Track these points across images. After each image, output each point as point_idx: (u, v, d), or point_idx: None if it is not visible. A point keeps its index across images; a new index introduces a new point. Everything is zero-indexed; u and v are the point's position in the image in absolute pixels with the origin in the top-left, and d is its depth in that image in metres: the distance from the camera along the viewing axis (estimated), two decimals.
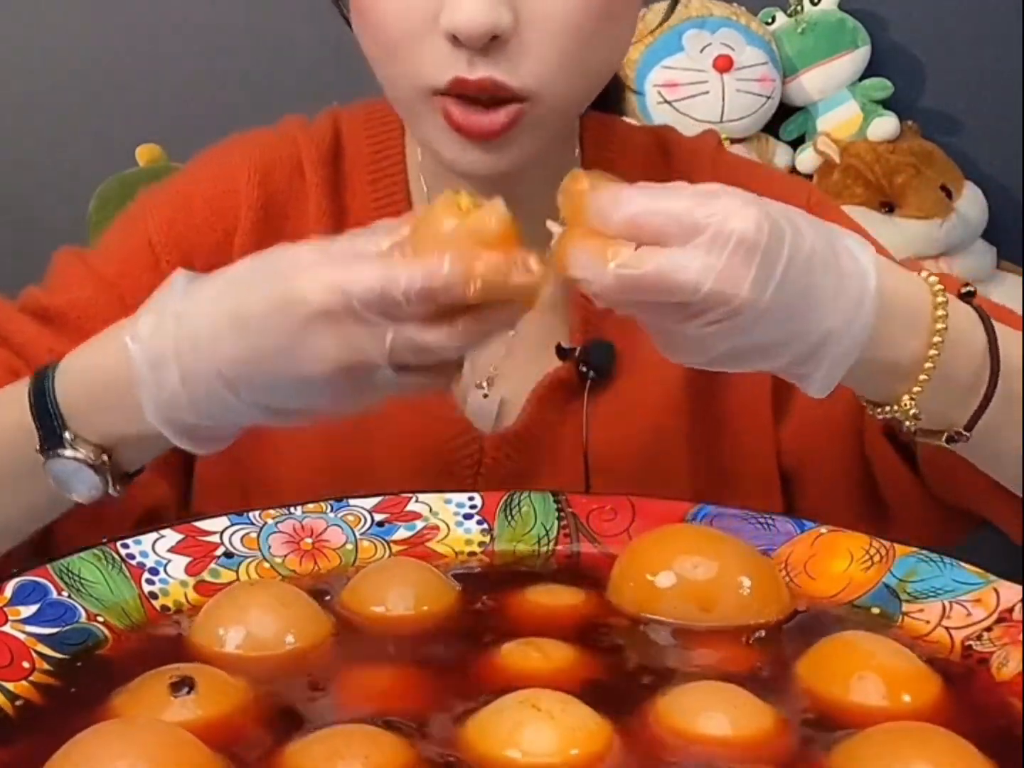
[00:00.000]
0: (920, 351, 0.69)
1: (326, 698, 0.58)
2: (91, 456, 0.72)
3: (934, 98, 1.98)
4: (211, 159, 0.95)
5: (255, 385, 0.66)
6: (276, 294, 0.64)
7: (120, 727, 0.53)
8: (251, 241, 0.90)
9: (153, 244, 0.90)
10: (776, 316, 0.63)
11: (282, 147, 0.93)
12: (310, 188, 0.92)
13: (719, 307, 0.61)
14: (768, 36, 1.93)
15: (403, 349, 0.63)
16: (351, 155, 0.94)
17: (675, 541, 0.69)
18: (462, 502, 0.76)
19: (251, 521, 0.73)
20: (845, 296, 0.65)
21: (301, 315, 0.63)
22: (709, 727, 0.54)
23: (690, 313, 0.62)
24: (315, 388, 0.65)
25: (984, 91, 1.94)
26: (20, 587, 0.64)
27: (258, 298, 0.65)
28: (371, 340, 0.62)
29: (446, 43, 0.76)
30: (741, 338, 0.63)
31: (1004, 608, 0.64)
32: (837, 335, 0.65)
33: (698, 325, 0.62)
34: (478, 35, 0.74)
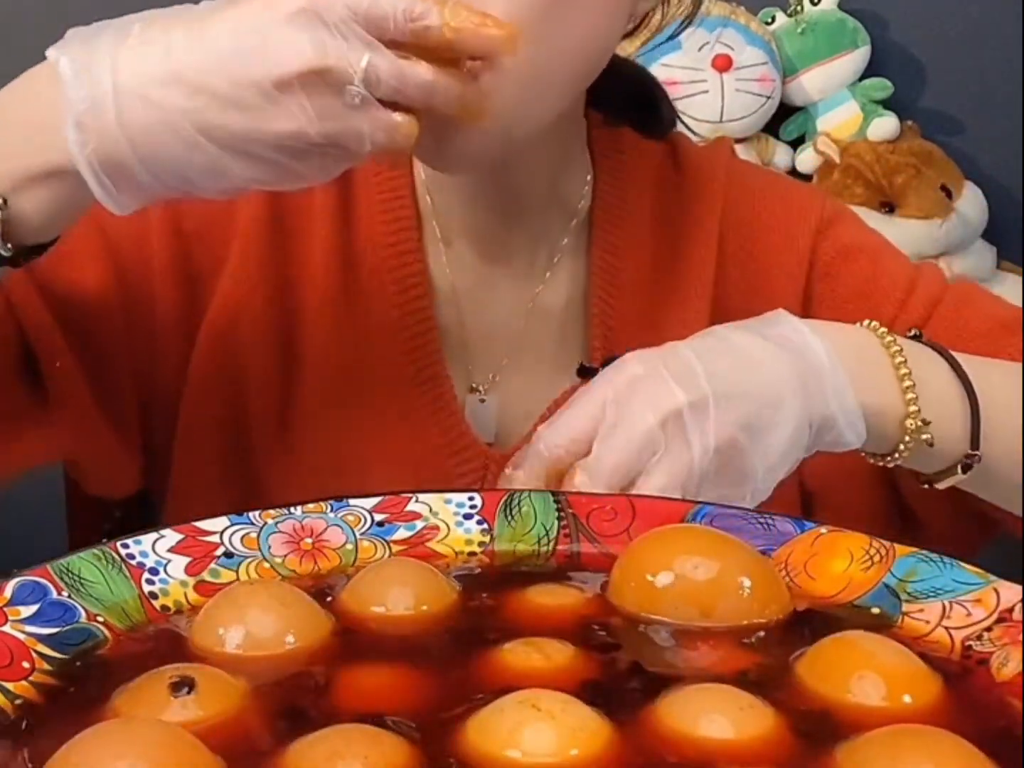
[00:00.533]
0: (895, 381, 0.73)
1: (326, 698, 0.58)
2: None
3: (934, 98, 1.98)
4: None
5: (219, 95, 0.61)
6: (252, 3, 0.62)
7: (120, 727, 0.53)
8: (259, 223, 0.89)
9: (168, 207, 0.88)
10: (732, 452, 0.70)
11: None
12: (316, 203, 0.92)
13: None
14: (768, 36, 1.94)
15: (378, 66, 0.62)
16: (360, 172, 0.94)
17: (675, 541, 0.69)
18: (462, 502, 0.76)
19: (251, 521, 0.73)
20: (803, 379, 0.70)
21: (287, 9, 0.61)
22: (709, 728, 0.54)
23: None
24: (283, 98, 0.61)
25: (984, 91, 1.94)
26: (20, 587, 0.64)
27: (227, 8, 0.62)
28: (348, 51, 0.61)
29: None
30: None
31: (1004, 608, 0.64)
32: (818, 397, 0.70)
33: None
34: None
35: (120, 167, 0.62)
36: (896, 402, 0.72)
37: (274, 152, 0.63)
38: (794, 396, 0.68)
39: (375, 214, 0.90)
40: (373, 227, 0.91)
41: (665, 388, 0.67)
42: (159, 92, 0.60)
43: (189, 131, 0.61)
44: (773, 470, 0.68)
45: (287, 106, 0.61)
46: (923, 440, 0.72)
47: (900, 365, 0.72)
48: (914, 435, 0.72)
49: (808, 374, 0.69)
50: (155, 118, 0.61)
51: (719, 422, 0.66)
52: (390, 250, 0.89)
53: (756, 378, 0.69)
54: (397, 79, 0.63)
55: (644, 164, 0.94)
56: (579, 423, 0.67)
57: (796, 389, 0.68)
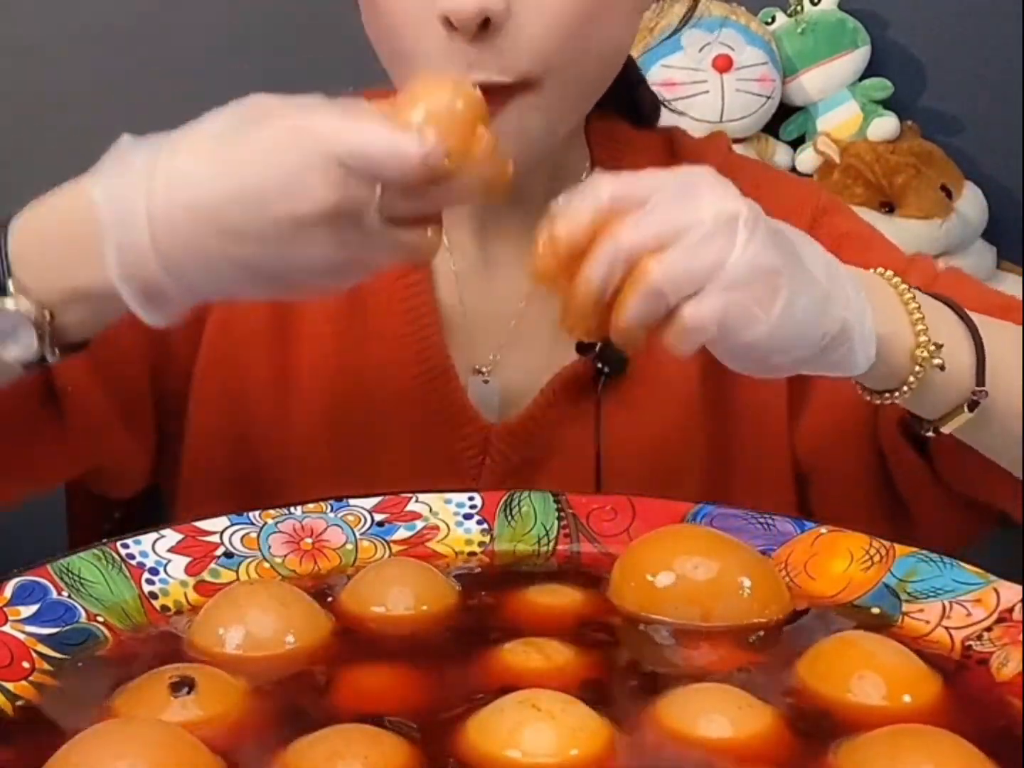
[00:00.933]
0: (904, 315, 0.72)
1: (326, 698, 0.58)
2: (30, 311, 0.68)
3: (934, 98, 1.98)
4: None
5: (242, 229, 0.63)
6: (283, 131, 0.63)
7: (120, 727, 0.53)
8: None
9: None
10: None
11: None
12: None
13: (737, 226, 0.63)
14: (768, 36, 1.93)
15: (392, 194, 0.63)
16: None
17: (675, 541, 0.69)
18: (462, 502, 0.76)
19: (251, 521, 0.73)
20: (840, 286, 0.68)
21: (310, 151, 0.62)
22: (709, 727, 0.54)
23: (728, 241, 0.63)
24: (305, 232, 0.63)
25: (984, 91, 1.94)
26: (20, 587, 0.64)
27: (260, 136, 0.63)
28: (363, 187, 0.62)
29: (443, 30, 0.76)
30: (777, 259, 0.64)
31: (1004, 608, 0.64)
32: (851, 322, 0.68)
33: (741, 245, 0.63)
34: (468, 17, 0.74)
35: (156, 288, 0.66)
36: (906, 331, 0.71)
37: (298, 275, 0.66)
38: (826, 282, 0.67)
39: None
40: None
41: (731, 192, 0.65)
42: (188, 224, 0.63)
43: (217, 260, 0.64)
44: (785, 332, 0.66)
45: (309, 240, 0.63)
46: (935, 365, 0.71)
47: (909, 300, 0.73)
48: (925, 363, 0.71)
49: (835, 281, 0.68)
50: (185, 245, 0.64)
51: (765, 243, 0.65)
52: None
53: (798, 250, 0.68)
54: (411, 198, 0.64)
55: (641, 154, 0.94)
56: (644, 185, 0.64)
57: (827, 280, 0.67)
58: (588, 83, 0.82)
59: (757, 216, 0.63)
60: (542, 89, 0.77)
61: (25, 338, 0.68)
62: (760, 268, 0.63)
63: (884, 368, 0.72)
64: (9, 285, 0.68)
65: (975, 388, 0.73)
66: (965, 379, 0.74)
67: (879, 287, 0.73)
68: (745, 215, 0.63)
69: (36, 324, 0.68)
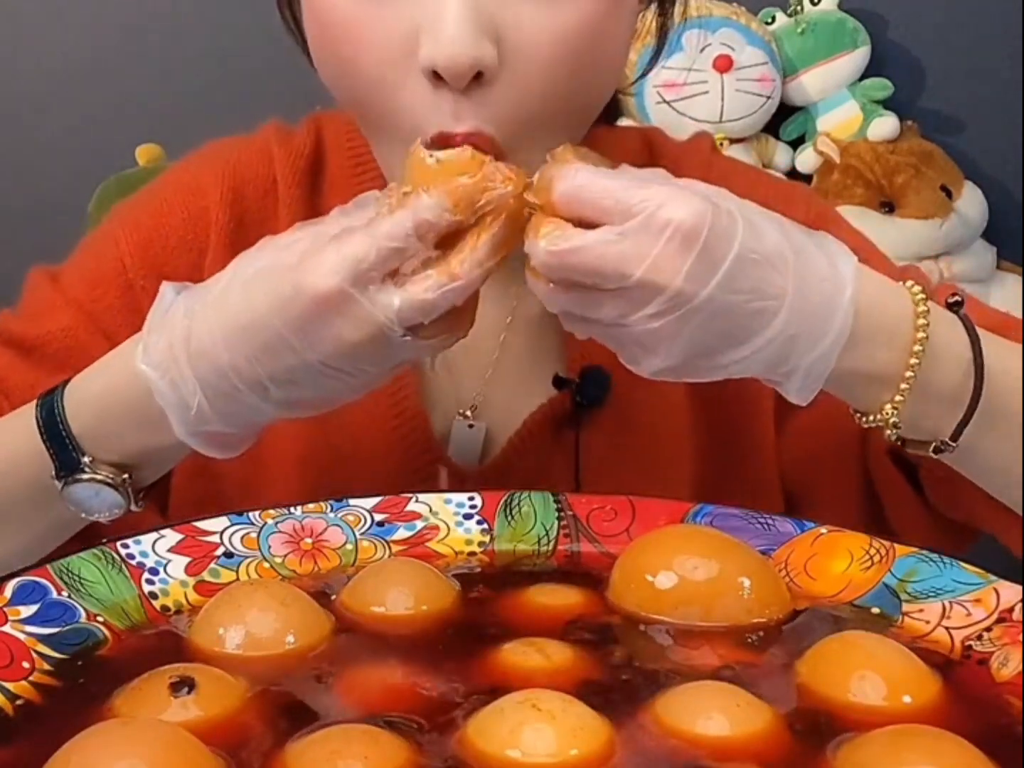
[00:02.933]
0: (901, 360, 0.68)
1: (326, 698, 0.58)
2: (111, 476, 0.74)
3: (934, 98, 1.98)
4: (183, 174, 0.93)
5: (278, 382, 0.67)
6: (280, 290, 0.65)
7: (120, 727, 0.53)
8: (221, 259, 0.89)
9: (126, 266, 0.89)
10: (724, 312, 0.63)
11: (256, 164, 0.91)
12: (282, 207, 0.90)
13: (654, 297, 0.62)
14: (768, 36, 1.94)
15: (410, 311, 0.64)
16: (332, 167, 0.91)
17: (675, 541, 0.69)
18: (462, 502, 0.76)
19: (251, 521, 0.73)
20: (811, 301, 0.65)
21: (309, 305, 0.64)
22: (709, 727, 0.54)
23: (629, 305, 0.62)
24: (337, 371, 0.66)
25: (984, 91, 1.94)
26: (20, 587, 0.64)
27: (262, 298, 0.66)
28: (380, 310, 0.64)
29: (426, 83, 0.72)
30: (691, 335, 0.63)
31: (1004, 608, 0.64)
32: (806, 341, 0.65)
33: (640, 319, 0.62)
34: (461, 71, 0.70)
35: (221, 435, 0.71)
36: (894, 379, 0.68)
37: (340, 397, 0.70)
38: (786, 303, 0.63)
39: None
40: None
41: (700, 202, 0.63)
42: (229, 383, 0.67)
43: (263, 408, 0.68)
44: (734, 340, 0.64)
45: (338, 374, 0.67)
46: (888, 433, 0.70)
47: (919, 340, 0.67)
48: (883, 421, 0.69)
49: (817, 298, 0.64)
50: (234, 400, 0.68)
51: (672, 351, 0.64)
52: None
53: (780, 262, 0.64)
54: (433, 308, 0.65)
55: (619, 157, 0.92)
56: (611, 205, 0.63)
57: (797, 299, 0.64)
58: (581, 116, 0.80)
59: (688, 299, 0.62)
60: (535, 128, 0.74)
61: (110, 498, 0.74)
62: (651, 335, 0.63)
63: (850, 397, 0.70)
64: (84, 460, 0.73)
65: (944, 440, 0.71)
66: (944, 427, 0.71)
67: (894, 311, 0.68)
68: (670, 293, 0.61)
69: (116, 487, 0.74)
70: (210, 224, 0.89)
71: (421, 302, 0.64)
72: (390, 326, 0.64)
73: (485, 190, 0.65)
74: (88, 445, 0.74)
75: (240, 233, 0.90)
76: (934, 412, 0.70)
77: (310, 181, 0.91)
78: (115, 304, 0.88)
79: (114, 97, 1.89)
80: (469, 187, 0.64)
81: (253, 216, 0.90)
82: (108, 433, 0.74)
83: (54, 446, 0.74)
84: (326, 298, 0.64)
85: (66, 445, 0.74)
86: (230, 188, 0.90)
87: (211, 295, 0.69)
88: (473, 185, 0.65)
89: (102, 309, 0.89)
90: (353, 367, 0.66)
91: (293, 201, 0.90)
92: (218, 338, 0.67)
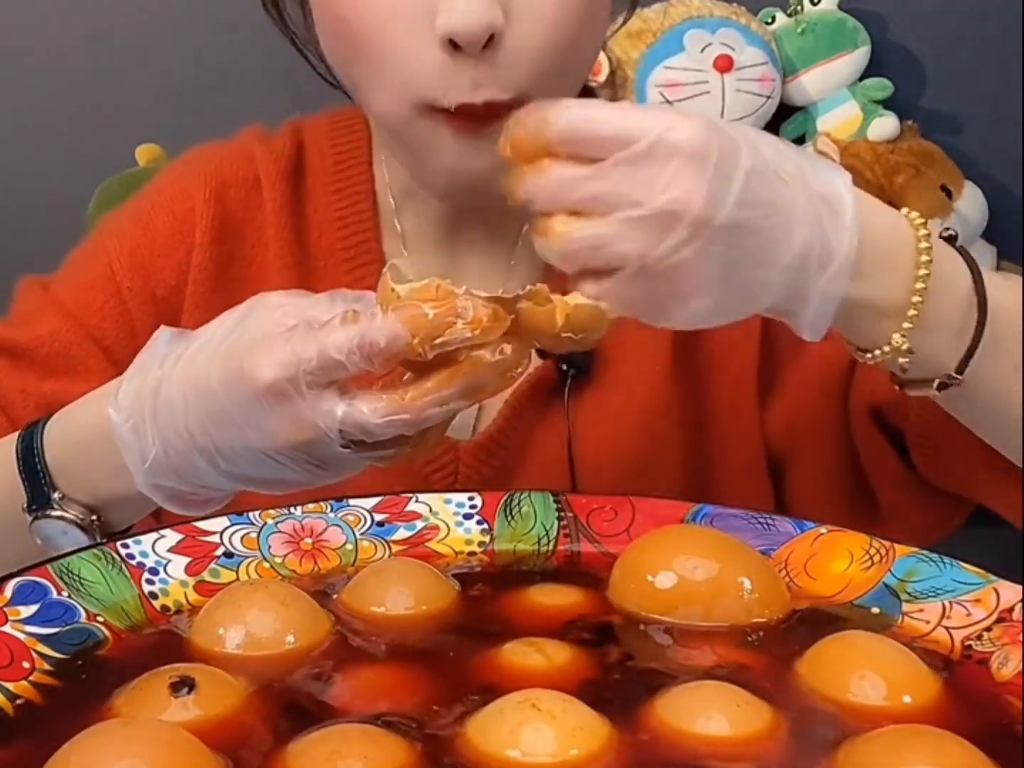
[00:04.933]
0: (906, 287, 0.66)
1: (326, 698, 0.58)
2: (79, 516, 0.73)
3: (934, 98, 1.98)
4: (170, 180, 0.95)
5: (223, 455, 0.66)
6: (231, 367, 0.64)
7: (120, 727, 0.53)
8: (206, 259, 0.90)
9: (115, 271, 0.90)
10: (745, 230, 0.61)
11: (238, 166, 0.92)
12: (267, 206, 0.91)
13: (675, 224, 0.59)
14: (768, 36, 1.93)
15: (352, 427, 0.62)
16: (314, 169, 0.93)
17: (675, 541, 0.69)
18: (462, 502, 0.76)
19: (251, 521, 0.73)
20: (820, 216, 0.63)
21: (251, 391, 0.62)
22: (709, 727, 0.54)
23: (651, 240, 0.59)
24: (273, 462, 0.65)
25: (984, 91, 1.94)
26: (20, 587, 0.64)
27: (217, 369, 0.64)
28: (319, 416, 0.62)
29: (440, 51, 0.74)
30: (716, 261, 0.61)
31: (1004, 608, 0.64)
32: (818, 260, 0.63)
33: (665, 251, 0.59)
34: (477, 36, 0.73)
35: (181, 493, 0.70)
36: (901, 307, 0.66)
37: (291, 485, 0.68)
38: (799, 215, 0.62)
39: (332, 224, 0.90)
40: (332, 242, 0.90)
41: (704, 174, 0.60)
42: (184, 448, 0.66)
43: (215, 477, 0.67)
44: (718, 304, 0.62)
45: (282, 465, 0.65)
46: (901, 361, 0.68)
47: (924, 264, 0.66)
48: (893, 351, 0.67)
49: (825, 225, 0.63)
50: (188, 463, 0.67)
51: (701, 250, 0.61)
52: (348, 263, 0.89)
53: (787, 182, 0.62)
54: (374, 433, 0.62)
55: None
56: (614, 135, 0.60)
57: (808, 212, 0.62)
58: (570, 92, 0.81)
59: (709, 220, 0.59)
60: (540, 91, 0.76)
61: (75, 539, 0.73)
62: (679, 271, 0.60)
63: (854, 332, 0.68)
64: (55, 496, 0.73)
65: (951, 375, 0.69)
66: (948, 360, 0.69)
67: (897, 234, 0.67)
68: (691, 217, 0.59)
69: (83, 527, 0.73)
70: (195, 224, 0.90)
71: (363, 424, 0.62)
72: (328, 435, 0.62)
73: (448, 326, 0.60)
74: (61, 481, 0.73)
75: (225, 231, 0.91)
76: (939, 343, 0.68)
77: (292, 182, 0.92)
78: (104, 309, 0.89)
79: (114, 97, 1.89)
80: (430, 320, 0.60)
81: (238, 216, 0.91)
82: (80, 472, 0.73)
83: (29, 478, 0.74)
84: (266, 389, 0.62)
85: (39, 479, 0.73)
86: (213, 188, 0.91)
87: (189, 349, 0.67)
88: (434, 319, 0.60)
89: (91, 314, 0.89)
90: (293, 463, 0.65)
91: (277, 201, 0.91)
92: (179, 395, 0.66)
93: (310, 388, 0.61)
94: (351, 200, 0.92)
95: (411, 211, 0.92)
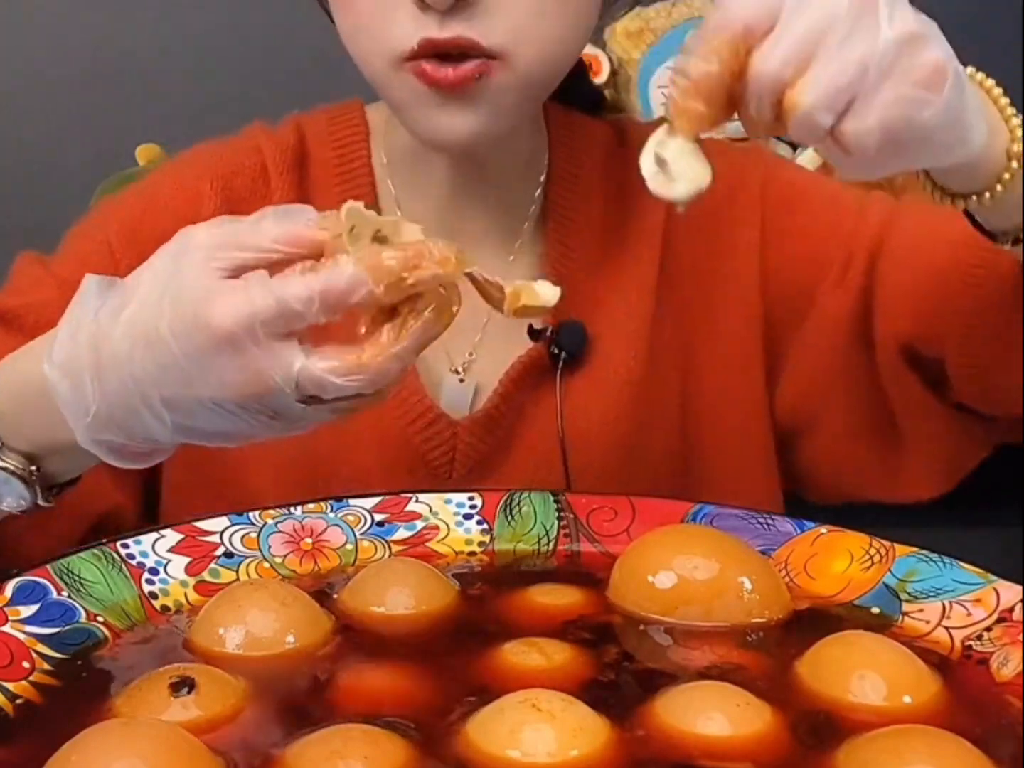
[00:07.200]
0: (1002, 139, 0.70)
1: (326, 698, 0.58)
2: (18, 465, 0.71)
3: None
4: (175, 169, 0.96)
5: (171, 406, 0.63)
6: (183, 315, 0.61)
7: (120, 727, 0.53)
8: None
9: (112, 246, 0.90)
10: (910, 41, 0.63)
11: (245, 155, 0.93)
12: (275, 192, 0.92)
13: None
14: None
15: (308, 382, 0.60)
16: (317, 159, 0.94)
17: (675, 541, 0.69)
18: (462, 502, 0.76)
19: (251, 521, 0.73)
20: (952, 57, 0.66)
21: (205, 340, 0.60)
22: (709, 727, 0.54)
23: None
24: (224, 412, 0.62)
25: None
26: (20, 587, 0.64)
27: (167, 319, 0.62)
28: (276, 369, 0.60)
29: (414, 7, 0.77)
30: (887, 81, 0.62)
31: (1004, 608, 0.64)
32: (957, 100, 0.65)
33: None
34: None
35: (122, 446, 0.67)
36: (1000, 126, 0.70)
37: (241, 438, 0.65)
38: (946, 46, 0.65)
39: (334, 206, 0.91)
40: None
41: None
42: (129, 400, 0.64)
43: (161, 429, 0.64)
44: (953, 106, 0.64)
45: (233, 416, 0.62)
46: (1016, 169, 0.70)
47: (999, 97, 0.71)
48: (1017, 159, 0.69)
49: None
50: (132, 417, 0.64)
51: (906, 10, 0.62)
52: None
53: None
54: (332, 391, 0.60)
55: (593, 140, 0.96)
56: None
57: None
58: (554, 63, 0.83)
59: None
60: (515, 67, 0.79)
61: (17, 489, 0.71)
62: (913, 43, 0.62)
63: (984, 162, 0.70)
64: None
65: None
66: None
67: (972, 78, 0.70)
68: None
69: (23, 477, 0.71)
70: (201, 212, 0.90)
71: (319, 380, 0.60)
72: (282, 388, 0.60)
73: (414, 268, 0.58)
74: (2, 429, 0.71)
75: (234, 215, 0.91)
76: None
77: (297, 174, 0.94)
78: None
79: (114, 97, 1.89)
80: (394, 262, 0.58)
81: (245, 203, 0.92)
82: (17, 420, 0.71)
83: None
84: (221, 338, 0.60)
85: None
86: (220, 176, 0.92)
87: (126, 303, 0.65)
88: (399, 260, 0.58)
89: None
90: (245, 415, 0.62)
91: (286, 186, 0.92)
92: (123, 348, 0.63)
93: (267, 338, 0.59)
94: (353, 186, 0.93)
95: (410, 200, 0.93)
